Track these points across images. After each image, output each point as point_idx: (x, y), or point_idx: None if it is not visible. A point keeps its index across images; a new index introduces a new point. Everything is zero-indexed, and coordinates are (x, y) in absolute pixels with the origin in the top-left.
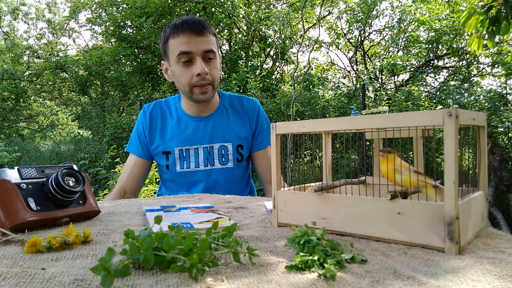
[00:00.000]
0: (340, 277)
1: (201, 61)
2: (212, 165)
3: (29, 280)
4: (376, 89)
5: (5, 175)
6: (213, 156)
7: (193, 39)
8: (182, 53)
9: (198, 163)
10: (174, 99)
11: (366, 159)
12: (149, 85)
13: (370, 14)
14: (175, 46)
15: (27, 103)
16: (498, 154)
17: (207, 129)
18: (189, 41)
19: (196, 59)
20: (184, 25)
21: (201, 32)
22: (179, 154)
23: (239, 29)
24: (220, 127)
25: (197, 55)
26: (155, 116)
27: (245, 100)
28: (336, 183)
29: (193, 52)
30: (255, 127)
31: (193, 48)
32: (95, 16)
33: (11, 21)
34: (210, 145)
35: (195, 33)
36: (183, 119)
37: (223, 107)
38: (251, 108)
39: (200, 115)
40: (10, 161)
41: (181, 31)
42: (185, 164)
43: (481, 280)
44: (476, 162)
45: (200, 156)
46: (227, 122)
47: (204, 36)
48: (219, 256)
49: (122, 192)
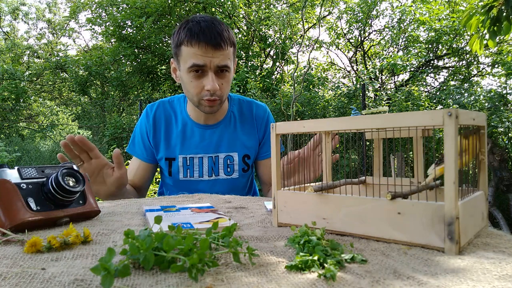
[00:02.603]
0: (340, 277)
1: (213, 77)
2: (217, 175)
3: (29, 280)
4: (376, 89)
5: (5, 175)
6: (218, 166)
7: (208, 53)
8: (194, 65)
9: (202, 172)
10: (179, 100)
11: (366, 159)
12: (149, 85)
13: (370, 14)
14: (188, 55)
15: (27, 103)
16: (498, 154)
17: (213, 138)
18: (204, 54)
19: (208, 73)
20: (200, 36)
21: (218, 46)
22: (183, 162)
23: (239, 29)
24: (227, 137)
25: (210, 69)
26: (159, 119)
27: (255, 106)
28: (336, 183)
29: (206, 65)
30: (263, 135)
31: (207, 62)
32: (95, 16)
33: (11, 21)
34: (215, 155)
35: (212, 46)
36: (188, 125)
37: (231, 113)
38: (260, 115)
39: (207, 122)
40: (10, 161)
41: (196, 40)
42: (189, 173)
43: (481, 280)
44: (476, 162)
45: (204, 165)
46: (234, 131)
47: (220, 50)
48: (219, 256)
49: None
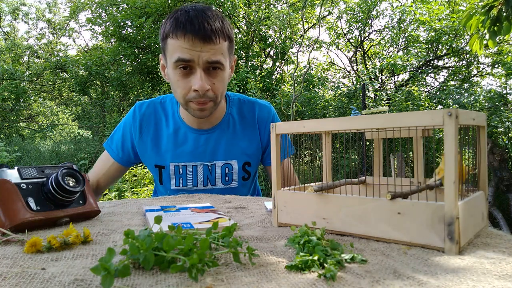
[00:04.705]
0: (340, 277)
1: (202, 74)
2: (213, 184)
3: (29, 280)
4: (376, 89)
5: (5, 175)
6: (214, 176)
7: (196, 46)
8: (180, 60)
9: (196, 182)
10: (171, 101)
11: (366, 159)
12: (149, 85)
13: (370, 14)
14: (173, 48)
15: (27, 103)
16: (498, 154)
17: (209, 144)
18: (191, 48)
19: (196, 70)
20: (187, 26)
21: (208, 39)
22: (175, 170)
23: (239, 29)
24: (225, 142)
25: (198, 65)
26: (148, 121)
27: (257, 106)
28: (336, 183)
29: (194, 60)
30: (268, 139)
31: (194, 57)
32: (95, 16)
33: (11, 21)
34: (211, 163)
35: (200, 39)
36: (181, 129)
37: (229, 116)
38: (264, 117)
39: (202, 127)
40: (10, 161)
41: (182, 31)
42: (181, 182)
43: (481, 280)
44: (476, 162)
45: (199, 174)
46: (233, 136)
47: (211, 44)
48: (219, 256)
49: (94, 185)
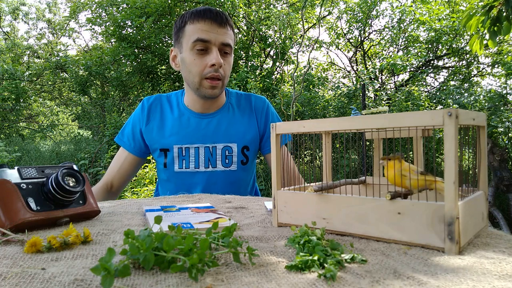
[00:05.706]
0: (340, 277)
1: (217, 52)
2: (214, 166)
3: (29, 280)
4: (376, 89)
5: (5, 175)
6: (215, 157)
7: (213, 29)
8: (199, 40)
9: (198, 163)
10: (176, 94)
11: (366, 159)
12: (149, 85)
13: (370, 14)
14: (193, 31)
15: (27, 103)
16: (498, 154)
17: (210, 127)
18: (209, 30)
19: (212, 49)
20: (207, 13)
21: (223, 23)
22: (178, 152)
23: (239, 29)
24: (225, 126)
25: (214, 45)
26: (154, 110)
27: (253, 98)
28: (336, 183)
29: (211, 41)
30: (264, 127)
31: (212, 38)
32: (95, 16)
33: (11, 21)
34: (212, 145)
35: (217, 23)
36: (185, 114)
37: (229, 104)
38: (260, 107)
39: (204, 112)
40: (10, 161)
41: (202, 18)
42: (184, 163)
43: (481, 280)
44: (476, 162)
45: (200, 156)
46: (233, 120)
47: (224, 28)
48: (219, 256)
49: (109, 185)
